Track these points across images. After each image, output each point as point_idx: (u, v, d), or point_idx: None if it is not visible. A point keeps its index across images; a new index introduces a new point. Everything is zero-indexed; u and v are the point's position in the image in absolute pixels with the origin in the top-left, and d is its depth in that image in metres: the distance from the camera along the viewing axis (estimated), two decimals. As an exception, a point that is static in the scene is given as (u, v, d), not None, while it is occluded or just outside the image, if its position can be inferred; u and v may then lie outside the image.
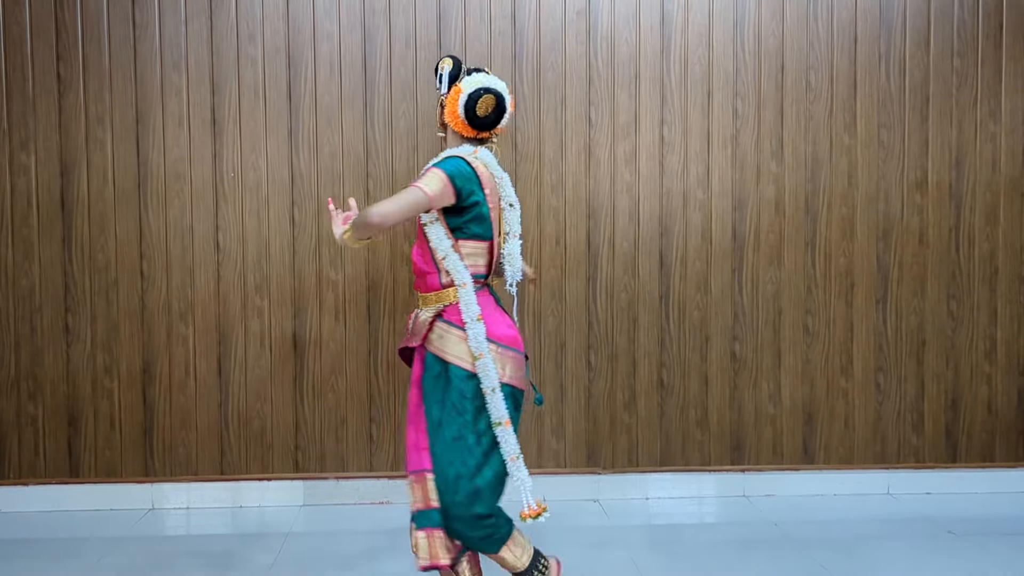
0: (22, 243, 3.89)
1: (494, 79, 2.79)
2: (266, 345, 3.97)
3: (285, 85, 3.93)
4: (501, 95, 2.78)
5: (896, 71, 4.09)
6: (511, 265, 2.83)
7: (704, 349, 4.08)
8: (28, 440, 3.95)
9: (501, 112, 2.79)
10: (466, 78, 2.79)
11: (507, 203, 2.82)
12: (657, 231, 4.05)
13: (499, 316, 2.78)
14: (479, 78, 2.77)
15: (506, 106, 2.80)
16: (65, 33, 3.87)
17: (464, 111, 2.75)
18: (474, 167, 2.72)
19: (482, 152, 2.78)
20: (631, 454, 4.08)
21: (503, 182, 2.81)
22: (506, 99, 2.80)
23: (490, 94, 2.75)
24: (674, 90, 4.04)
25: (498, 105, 2.77)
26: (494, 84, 2.77)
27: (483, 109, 2.75)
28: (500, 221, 2.81)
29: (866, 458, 4.15)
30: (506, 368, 2.72)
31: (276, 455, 4.00)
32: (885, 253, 4.11)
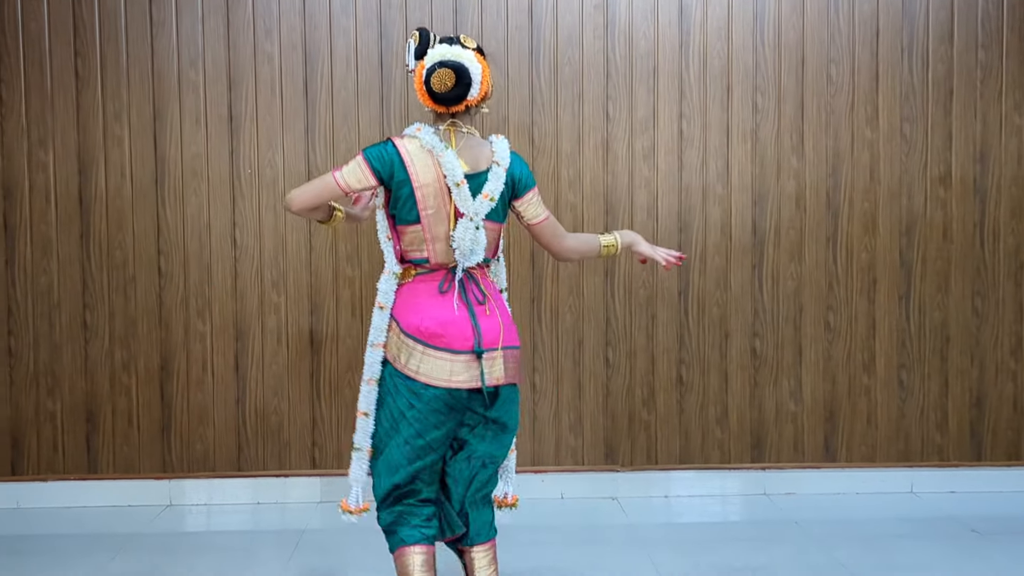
0: (40, 240, 3.90)
1: (457, 50, 2.60)
2: (283, 341, 3.96)
3: (301, 81, 3.92)
4: (461, 67, 2.57)
5: (919, 64, 4.03)
6: (460, 249, 2.61)
7: (724, 346, 4.04)
8: (47, 436, 3.96)
9: (466, 85, 2.58)
10: (429, 51, 2.63)
11: (452, 182, 2.58)
12: (676, 226, 4.01)
13: (423, 307, 2.62)
14: (440, 50, 2.60)
15: (471, 78, 2.58)
16: (83, 30, 3.88)
17: (425, 85, 2.60)
18: (398, 147, 2.59)
19: (424, 131, 2.61)
20: (650, 451, 4.05)
21: (444, 158, 2.58)
22: (470, 70, 2.58)
23: (446, 68, 2.56)
24: (693, 84, 4.00)
25: (460, 79, 2.57)
26: (453, 56, 2.58)
27: (439, 84, 2.57)
28: (449, 203, 2.61)
29: (889, 456, 4.10)
30: (411, 362, 2.59)
31: (293, 452, 3.99)
32: (908, 249, 4.05)
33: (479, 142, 2.68)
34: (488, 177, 2.64)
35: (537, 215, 2.76)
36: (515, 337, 2.71)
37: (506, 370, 2.64)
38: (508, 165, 2.66)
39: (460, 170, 2.59)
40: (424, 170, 2.58)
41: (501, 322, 2.65)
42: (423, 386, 2.58)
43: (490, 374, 2.60)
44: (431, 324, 2.58)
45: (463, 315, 2.61)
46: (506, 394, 2.66)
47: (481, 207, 2.61)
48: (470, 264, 2.64)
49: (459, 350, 2.58)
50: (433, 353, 2.58)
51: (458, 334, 2.59)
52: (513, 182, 2.69)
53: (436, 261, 2.63)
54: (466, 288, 2.65)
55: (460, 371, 2.58)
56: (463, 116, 2.67)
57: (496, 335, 2.63)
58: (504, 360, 2.63)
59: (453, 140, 2.64)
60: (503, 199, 2.67)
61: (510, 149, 2.71)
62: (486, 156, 2.66)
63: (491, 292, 2.70)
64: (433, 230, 2.61)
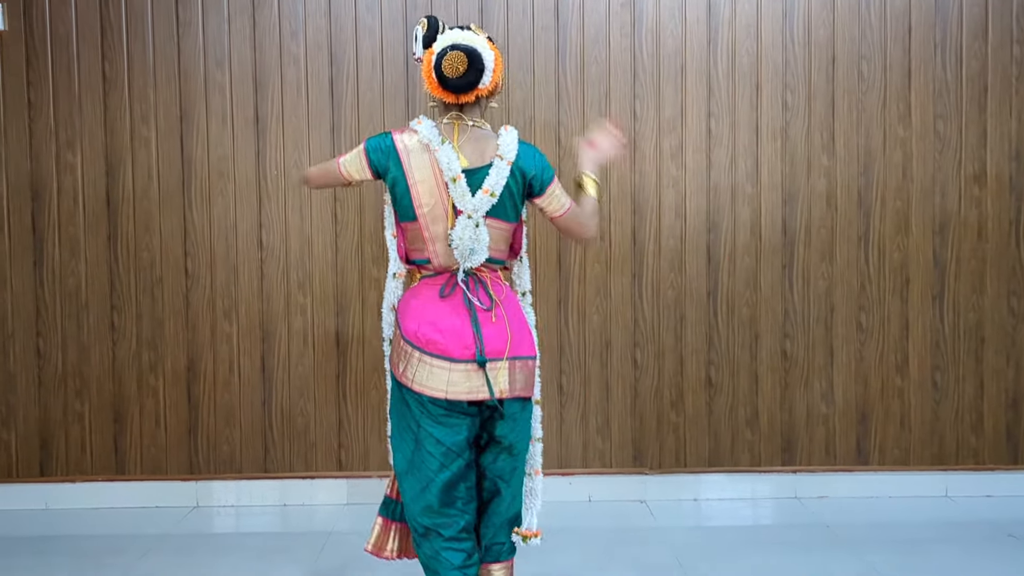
0: (68, 241, 3.92)
1: (470, 35, 2.46)
2: (309, 343, 3.95)
3: (327, 82, 3.91)
4: (474, 51, 2.42)
5: (952, 60, 3.96)
6: (459, 249, 2.46)
7: (754, 347, 3.99)
8: (75, 437, 3.97)
9: (479, 71, 2.43)
10: (439, 37, 2.49)
11: (448, 177, 2.44)
12: (704, 226, 3.97)
13: (422, 311, 2.49)
14: (451, 35, 2.47)
15: (484, 63, 2.44)
16: (110, 32, 3.89)
17: (435, 71, 2.44)
18: (395, 140, 2.49)
19: (424, 124, 2.50)
20: (679, 454, 4.00)
21: (440, 152, 2.45)
22: (483, 55, 2.43)
23: (458, 51, 2.41)
24: (721, 82, 3.95)
25: (472, 63, 2.41)
26: (466, 40, 2.44)
27: (450, 68, 2.41)
28: (448, 200, 2.46)
29: (923, 459, 4.02)
30: (408, 369, 2.47)
31: (319, 453, 3.98)
32: (942, 248, 3.98)
33: (486, 135, 2.53)
34: (489, 172, 2.48)
35: (561, 206, 2.58)
36: (529, 347, 2.54)
37: (512, 382, 2.47)
38: (514, 158, 2.49)
39: (457, 164, 2.45)
40: (420, 165, 2.47)
41: (509, 330, 2.49)
42: (421, 396, 2.46)
43: (496, 385, 2.44)
44: (428, 329, 2.45)
45: (464, 321, 2.46)
46: (512, 410, 2.50)
47: (481, 203, 2.45)
48: (472, 265, 2.48)
49: (458, 358, 2.43)
50: (429, 360, 2.44)
51: (457, 341, 2.44)
52: (524, 176, 2.52)
53: (439, 263, 2.50)
54: (470, 292, 2.49)
55: (459, 381, 2.43)
56: (471, 108, 2.53)
57: (501, 344, 2.46)
58: (511, 371, 2.47)
59: (456, 133, 2.50)
60: (511, 195, 2.51)
61: (520, 140, 2.54)
62: (492, 150, 2.50)
63: (503, 297, 2.54)
64: (431, 229, 2.48)
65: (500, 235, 2.53)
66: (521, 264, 2.69)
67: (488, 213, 2.47)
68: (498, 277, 2.59)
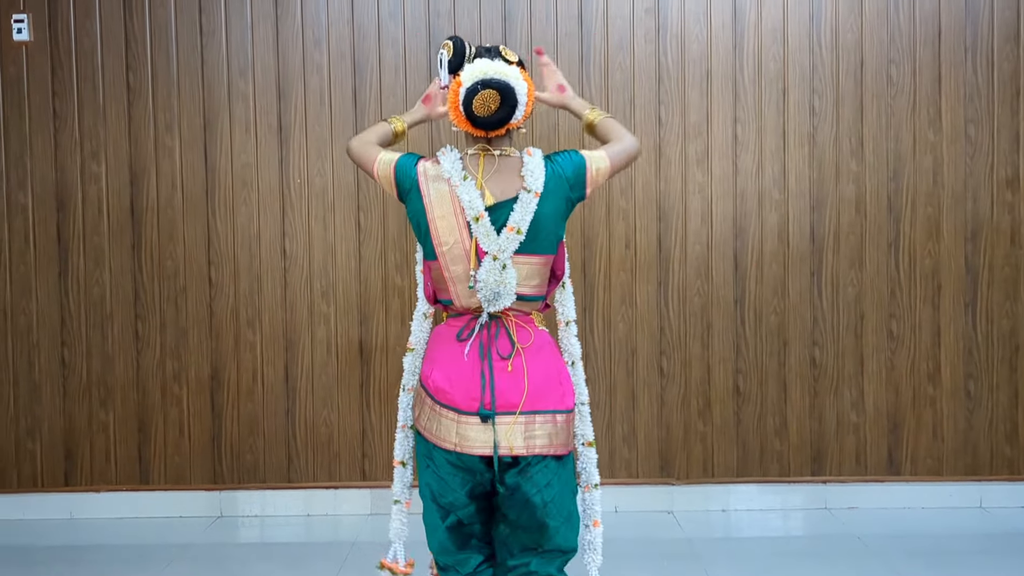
0: (93, 251, 3.92)
1: (500, 66, 2.25)
2: (332, 352, 3.93)
3: (350, 90, 3.90)
4: (507, 88, 2.23)
5: (983, 64, 3.90)
6: (483, 293, 2.25)
7: (782, 355, 3.93)
8: (100, 447, 3.97)
9: (511, 108, 2.25)
10: (467, 67, 2.28)
11: (471, 216, 2.25)
12: (731, 233, 3.92)
13: (438, 356, 2.32)
14: (480, 67, 2.25)
15: (517, 99, 2.25)
16: (134, 43, 3.90)
17: (464, 109, 2.26)
18: (419, 173, 2.32)
19: (447, 155, 2.31)
20: (706, 464, 3.94)
21: (462, 189, 2.26)
22: (516, 90, 2.24)
23: (490, 89, 2.22)
24: (747, 88, 3.91)
25: (504, 101, 2.23)
26: (497, 74, 2.24)
27: (481, 108, 2.23)
28: (471, 238, 2.26)
29: (956, 470, 3.95)
30: (422, 416, 2.32)
31: (343, 463, 3.96)
32: (974, 254, 3.91)
33: (513, 163, 2.33)
34: (514, 207, 2.26)
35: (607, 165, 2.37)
36: (559, 399, 2.28)
37: (529, 439, 2.22)
38: (542, 188, 2.27)
39: (479, 203, 2.25)
40: (440, 200, 2.28)
41: (527, 381, 2.24)
42: (432, 446, 2.28)
43: (508, 441, 2.21)
44: (439, 376, 2.28)
45: (474, 369, 2.25)
46: (536, 470, 2.23)
47: (507, 243, 2.24)
48: (497, 309, 2.27)
49: (465, 411, 2.23)
50: (440, 410, 2.26)
51: (463, 392, 2.24)
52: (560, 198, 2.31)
53: (460, 304, 2.31)
54: (488, 337, 2.27)
55: (470, 434, 2.22)
56: (500, 138, 2.34)
57: (516, 396, 2.22)
58: (528, 427, 2.22)
59: (482, 166, 2.31)
60: (543, 227, 2.29)
61: (545, 158, 2.34)
62: (519, 180, 2.30)
63: (530, 344, 2.30)
64: (451, 269, 2.28)
65: (534, 270, 2.32)
66: (564, 291, 2.47)
67: (517, 251, 2.27)
68: (528, 320, 2.34)
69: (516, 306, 2.31)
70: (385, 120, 2.58)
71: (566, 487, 2.31)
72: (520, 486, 2.24)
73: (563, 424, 2.27)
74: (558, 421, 2.26)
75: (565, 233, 2.42)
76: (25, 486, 3.98)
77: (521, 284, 2.29)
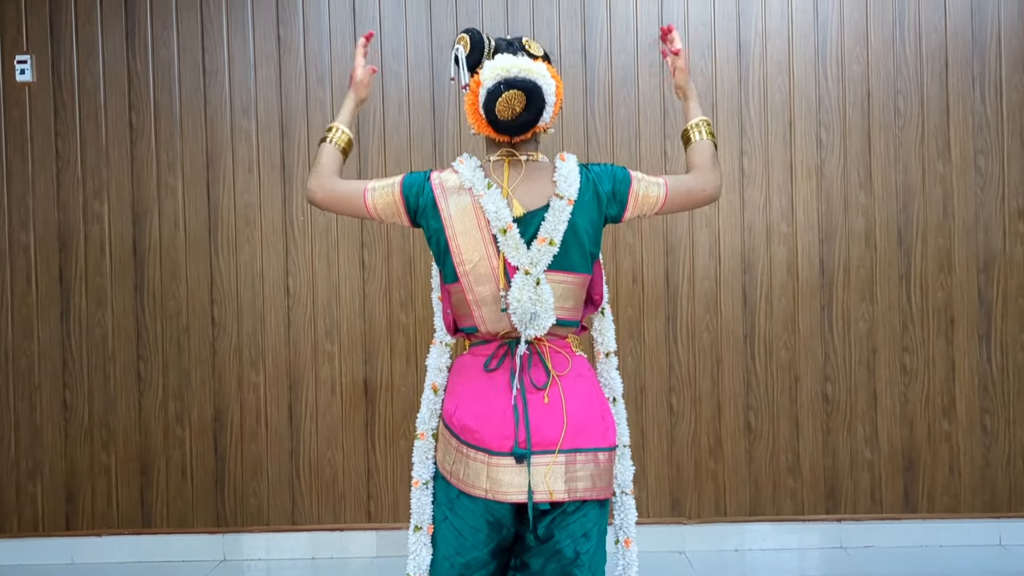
0: (96, 292, 3.89)
1: (524, 62, 1.98)
2: (337, 391, 3.88)
3: (354, 127, 3.87)
4: (534, 87, 1.96)
5: (992, 94, 3.86)
6: (518, 314, 2.00)
7: (793, 390, 3.86)
8: (101, 490, 3.91)
9: (539, 110, 1.99)
10: (487, 64, 2.00)
11: (497, 228, 2.01)
12: (739, 267, 3.87)
13: (463, 390, 2.08)
14: (502, 63, 1.98)
15: (545, 100, 1.99)
16: (137, 82, 3.89)
17: (485, 112, 2.00)
18: (434, 186, 2.06)
19: (467, 163, 2.07)
20: (718, 503, 3.87)
21: (486, 198, 2.02)
22: (544, 89, 1.99)
23: (515, 90, 1.96)
24: (753, 120, 3.87)
25: (531, 102, 1.97)
26: (522, 72, 1.97)
27: (506, 111, 1.98)
28: (498, 254, 2.04)
29: (974, 507, 3.86)
30: (447, 459, 2.06)
31: (348, 505, 3.89)
32: (987, 286, 3.85)
33: (542, 169, 2.09)
34: (545, 216, 2.02)
35: (657, 196, 2.11)
36: (601, 435, 2.04)
37: (570, 481, 1.98)
38: (576, 194, 2.04)
39: (507, 212, 2.01)
40: (461, 214, 2.03)
41: (566, 413, 2.00)
42: (458, 493, 2.03)
43: (546, 485, 1.96)
44: (465, 414, 2.03)
45: (505, 403, 2.00)
46: (575, 519, 2.01)
47: (540, 256, 2.01)
48: (537, 332, 2.02)
49: (497, 451, 1.98)
50: (467, 452, 2.00)
51: (495, 429, 1.99)
52: (595, 208, 2.07)
53: (486, 329, 2.07)
54: (521, 367, 2.03)
55: (503, 478, 1.97)
56: (526, 143, 2.10)
57: (555, 432, 1.98)
58: (569, 468, 1.98)
59: (507, 173, 2.07)
60: (578, 240, 2.04)
61: (580, 166, 2.09)
62: (550, 187, 2.05)
63: (567, 372, 2.07)
64: (476, 290, 2.03)
65: (568, 290, 2.07)
66: (603, 319, 2.22)
67: (550, 266, 2.03)
68: (564, 345, 2.10)
69: (552, 331, 2.06)
70: (323, 139, 2.25)
71: (603, 539, 2.07)
72: (553, 535, 2.00)
73: (606, 464, 2.02)
74: (600, 460, 2.01)
75: (601, 252, 2.17)
76: (26, 530, 3.92)
77: (557, 306, 2.04)
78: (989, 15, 3.85)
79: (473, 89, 2.02)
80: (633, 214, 2.13)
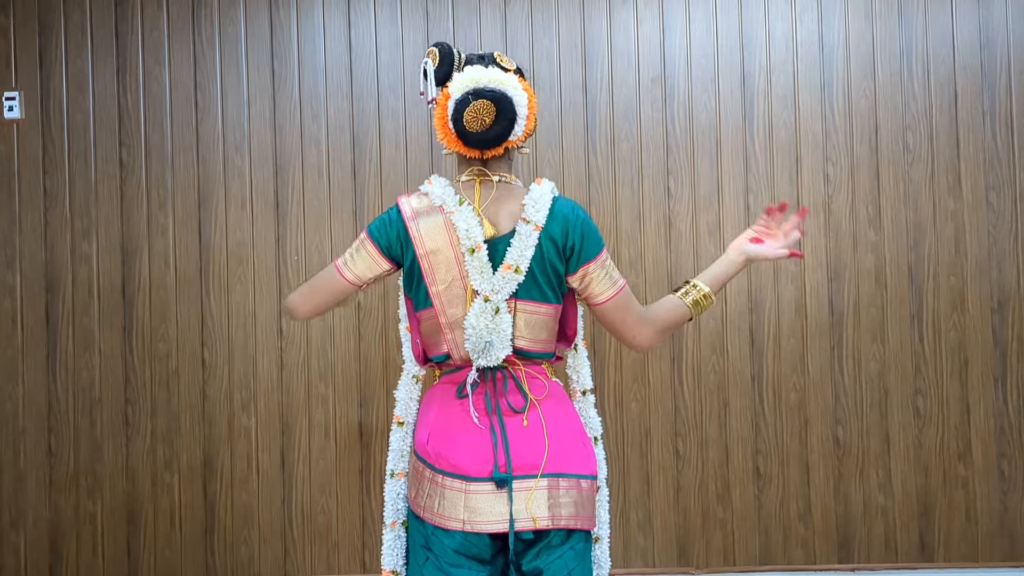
0: (83, 333, 3.77)
1: (495, 73, 1.95)
2: (331, 436, 3.75)
3: (350, 164, 3.79)
4: (503, 97, 1.92)
5: (1003, 129, 3.77)
6: (472, 341, 1.95)
7: (803, 434, 3.73)
8: (86, 539, 3.77)
9: (509, 121, 1.94)
10: (456, 76, 1.97)
11: (467, 247, 1.94)
12: (746, 307, 3.75)
13: (434, 417, 1.99)
14: (472, 74, 1.94)
15: (516, 111, 1.94)
16: (128, 119, 3.80)
17: (453, 123, 1.96)
18: (402, 208, 2.00)
19: (436, 182, 2.02)
20: (727, 552, 3.72)
21: (457, 215, 1.95)
22: (515, 100, 1.94)
23: (484, 100, 1.92)
24: (759, 156, 3.78)
25: (501, 113, 1.92)
26: (492, 82, 1.93)
27: (474, 122, 1.92)
28: (467, 275, 1.96)
29: (993, 555, 3.71)
30: (420, 495, 1.95)
31: (342, 554, 3.75)
32: (1002, 326, 3.74)
33: (515, 191, 2.03)
34: (512, 242, 1.95)
35: (601, 292, 2.01)
36: (583, 461, 1.97)
37: (554, 508, 1.88)
38: (544, 221, 1.95)
39: (478, 231, 1.94)
40: (432, 233, 1.96)
41: (547, 437, 1.93)
42: (433, 530, 1.92)
43: (529, 512, 1.87)
44: (439, 441, 1.94)
45: (483, 427, 1.93)
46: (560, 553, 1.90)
47: (503, 283, 1.94)
48: (489, 363, 1.96)
49: (476, 476, 1.89)
50: (443, 481, 1.91)
51: (473, 454, 1.90)
52: (555, 245, 1.97)
53: (459, 356, 2.00)
54: (496, 391, 1.97)
55: (481, 506, 1.87)
56: (498, 161, 2.04)
57: (537, 456, 1.90)
58: (552, 494, 1.89)
59: (478, 193, 2.00)
60: (546, 267, 1.97)
61: (557, 197, 2.01)
62: (519, 212, 1.98)
63: (545, 395, 2.00)
64: (448, 312, 1.97)
65: (540, 321, 2.00)
66: (577, 355, 2.17)
67: (518, 294, 1.96)
68: (540, 370, 2.04)
69: (523, 359, 2.00)
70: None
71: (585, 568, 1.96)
72: (539, 571, 1.90)
73: (588, 492, 1.95)
74: (583, 487, 1.94)
75: None
76: (7, 582, 3.78)
77: (528, 338, 1.98)
78: (999, 47, 3.77)
79: (441, 103, 1.98)
80: (574, 284, 2.03)
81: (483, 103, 1.92)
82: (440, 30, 3.79)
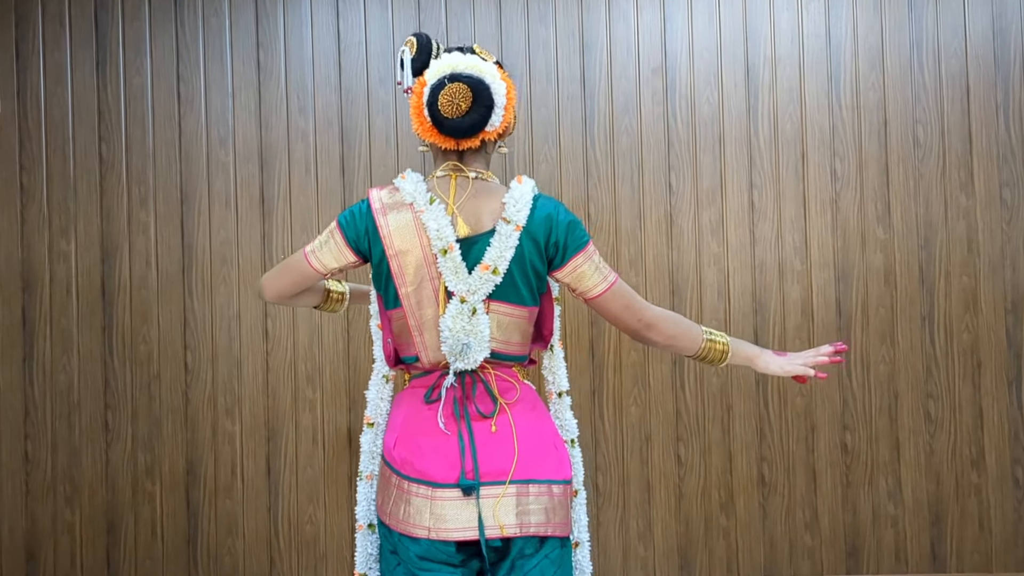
0: (60, 335, 3.64)
1: (473, 61, 1.91)
2: (318, 442, 3.62)
3: (338, 159, 3.65)
4: (479, 83, 1.88)
5: (1016, 122, 3.63)
6: (448, 344, 1.90)
7: (810, 440, 3.60)
8: (64, 549, 3.63)
9: (486, 108, 1.90)
10: (433, 63, 1.95)
11: (438, 248, 1.90)
12: (750, 307, 3.62)
13: (402, 423, 1.95)
14: (449, 61, 1.91)
15: (493, 99, 1.90)
16: (108, 113, 3.67)
17: (428, 109, 1.91)
18: (372, 202, 1.95)
19: (409, 178, 1.97)
20: (730, 562, 3.59)
21: (428, 214, 1.90)
22: (492, 87, 1.90)
23: (459, 83, 1.88)
24: (763, 151, 3.65)
25: (478, 99, 1.88)
26: (469, 68, 1.89)
27: (448, 106, 1.87)
28: (439, 277, 1.92)
29: (1007, 565, 3.58)
30: (387, 501, 1.91)
31: (330, 564, 3.62)
32: (1016, 327, 3.60)
33: (492, 190, 1.98)
34: (491, 241, 1.92)
35: (594, 286, 1.99)
36: (555, 467, 1.92)
37: (522, 515, 1.84)
38: (524, 221, 1.91)
39: (450, 231, 1.90)
40: (402, 232, 1.91)
41: (517, 443, 1.89)
42: (399, 537, 1.88)
43: (496, 519, 1.83)
44: (405, 446, 1.91)
45: (450, 433, 1.89)
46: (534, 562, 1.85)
47: (480, 284, 1.90)
48: (468, 366, 1.91)
49: (442, 483, 1.85)
50: (408, 487, 1.87)
51: (439, 460, 1.86)
52: (537, 244, 1.93)
53: (428, 358, 1.96)
54: (464, 395, 1.92)
55: (447, 513, 1.84)
56: (474, 156, 1.99)
57: (505, 462, 1.86)
58: (520, 500, 1.85)
59: (453, 190, 1.95)
60: (526, 269, 1.93)
61: (538, 195, 1.96)
62: (498, 210, 1.94)
63: (516, 399, 1.96)
64: (417, 314, 1.93)
65: (514, 324, 1.96)
66: (553, 356, 2.10)
67: (493, 295, 1.92)
68: (512, 373, 2.00)
69: (493, 362, 1.96)
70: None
71: None
72: None
73: (560, 498, 1.90)
74: (555, 493, 1.89)
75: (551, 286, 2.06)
76: (-18, 594, 3.65)
77: (500, 340, 1.94)
78: (1012, 37, 3.64)
79: (417, 91, 1.94)
80: (565, 279, 2.01)
81: (459, 86, 1.88)
82: (432, 19, 3.66)
